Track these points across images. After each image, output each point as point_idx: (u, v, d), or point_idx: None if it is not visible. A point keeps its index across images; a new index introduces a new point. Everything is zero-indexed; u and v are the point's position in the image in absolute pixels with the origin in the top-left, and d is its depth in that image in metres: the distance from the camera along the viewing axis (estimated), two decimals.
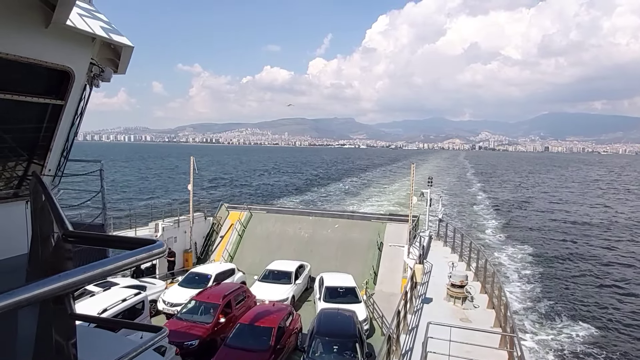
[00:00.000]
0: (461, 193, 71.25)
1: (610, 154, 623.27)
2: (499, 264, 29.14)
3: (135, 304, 13.78)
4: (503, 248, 34.12)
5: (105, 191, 6.70)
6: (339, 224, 24.99)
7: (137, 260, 1.57)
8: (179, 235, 23.23)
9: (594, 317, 21.41)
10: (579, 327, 20.12)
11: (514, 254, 32.29)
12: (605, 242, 37.77)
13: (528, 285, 25.62)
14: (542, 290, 24.66)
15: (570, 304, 22.96)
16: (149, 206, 34.58)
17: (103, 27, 5.09)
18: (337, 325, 13.08)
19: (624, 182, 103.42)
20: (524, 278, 26.86)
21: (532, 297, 23.57)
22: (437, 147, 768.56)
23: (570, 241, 37.81)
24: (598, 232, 42.13)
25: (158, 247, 1.65)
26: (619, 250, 35.29)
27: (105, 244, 2.17)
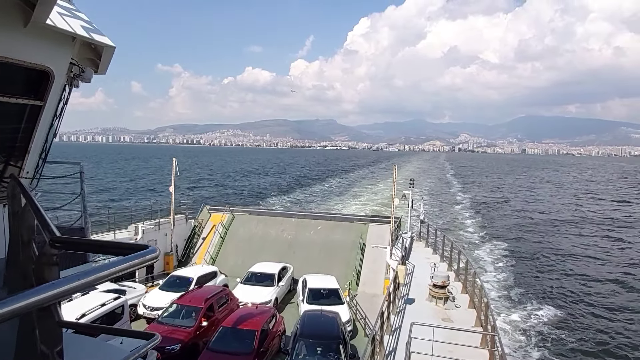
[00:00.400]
0: (442, 193, 72.38)
1: (584, 156, 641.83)
2: (478, 257, 31.06)
3: (115, 308, 13.50)
4: (481, 243, 36.08)
5: (85, 194, 6.55)
6: (321, 226, 25.00)
7: (130, 267, 1.54)
8: (159, 238, 22.86)
9: (560, 300, 23.59)
10: (546, 309, 22.18)
11: (491, 249, 34.20)
12: (573, 236, 40.81)
13: (502, 274, 27.72)
14: (515, 279, 26.70)
15: (539, 290, 25.01)
16: (128, 208, 33.89)
17: (84, 26, 4.98)
18: (320, 326, 13.08)
19: (594, 183, 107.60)
20: (499, 269, 28.96)
21: (506, 286, 25.59)
22: (418, 148, 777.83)
23: (542, 236, 40.61)
24: (567, 228, 45.07)
25: (151, 253, 1.62)
26: (585, 243, 38.31)
27: (96, 249, 2.09)
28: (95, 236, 18.59)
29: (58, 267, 1.87)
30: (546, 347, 17.81)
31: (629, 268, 30.26)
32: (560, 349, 17.78)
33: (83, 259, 5.78)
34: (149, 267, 21.52)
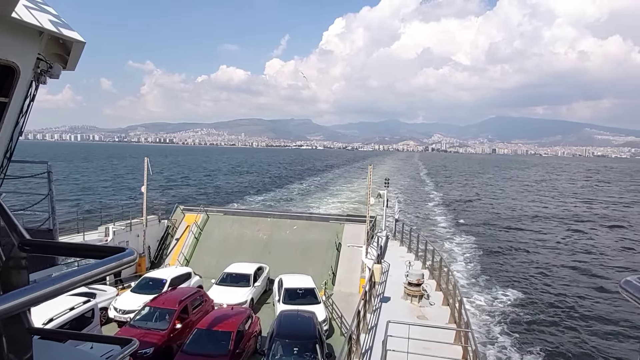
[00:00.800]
0: (416, 192, 73.75)
1: (551, 155, 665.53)
2: (449, 249, 33.09)
3: (85, 312, 13.09)
4: (453, 237, 38.42)
5: (54, 194, 6.31)
6: (297, 225, 24.95)
7: (107, 270, 1.48)
8: (131, 239, 22.29)
9: (521, 285, 25.97)
10: (509, 292, 24.73)
11: (461, 241, 36.64)
12: (535, 229, 44.25)
13: (470, 264, 30.07)
14: (482, 267, 28.99)
15: (506, 279, 27.18)
16: (98, 209, 32.85)
17: (52, 20, 4.79)
18: (297, 326, 13.05)
19: (557, 181, 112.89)
20: (467, 259, 31.35)
21: (474, 274, 27.72)
22: (392, 148, 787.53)
23: (507, 229, 43.84)
24: (530, 222, 48.84)
25: (129, 255, 1.57)
26: (546, 235, 41.69)
27: (70, 252, 1.98)
28: (63, 238, 17.96)
29: (28, 271, 1.78)
30: (515, 337, 18.37)
31: (584, 256, 33.49)
32: (528, 338, 18.46)
33: (51, 262, 5.56)
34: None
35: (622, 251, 35.28)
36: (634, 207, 61.89)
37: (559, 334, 19.35)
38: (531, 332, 19.25)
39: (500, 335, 18.76)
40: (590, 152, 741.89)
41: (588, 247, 36.60)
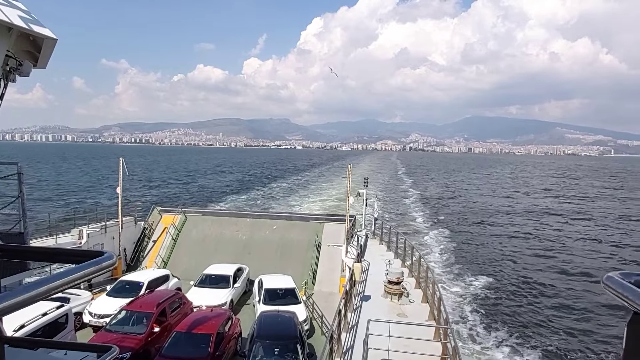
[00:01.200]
0: (395, 190, 74.69)
1: (524, 154, 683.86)
2: (427, 244, 34.75)
3: (58, 317, 12.67)
4: (430, 233, 40.19)
5: (24, 196, 6.09)
6: (277, 225, 24.82)
7: (85, 275, 1.42)
8: (106, 242, 21.75)
9: (499, 279, 27.15)
10: (481, 278, 26.71)
11: (439, 237, 38.39)
12: (507, 222, 47.30)
13: (445, 254, 32.12)
14: (459, 262, 30.30)
15: (480, 271, 28.50)
16: (71, 211, 31.98)
17: (22, 16, 4.62)
18: (277, 327, 12.98)
19: (530, 178, 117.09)
20: (443, 249, 33.39)
21: (448, 263, 29.64)
22: (371, 148, 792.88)
23: (482, 223, 46.06)
24: (501, 215, 52.00)
25: (108, 259, 1.51)
26: (516, 227, 44.63)
27: (46, 257, 1.87)
28: (35, 242, 17.37)
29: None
30: (494, 332, 18.76)
31: (551, 244, 35.87)
32: (506, 332, 18.89)
33: (22, 267, 5.37)
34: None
35: (591, 242, 36.94)
36: (597, 202, 64.46)
37: (536, 327, 19.88)
38: (510, 326, 19.71)
39: (478, 330, 19.13)
40: (561, 150, 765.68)
41: (560, 239, 38.45)
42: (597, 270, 28.30)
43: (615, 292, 1.26)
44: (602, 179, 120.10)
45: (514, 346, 17.70)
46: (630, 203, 63.75)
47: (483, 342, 17.99)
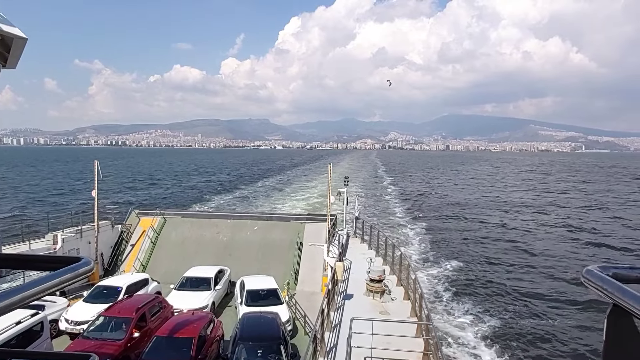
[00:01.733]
0: (375, 188, 75.39)
1: (500, 151, 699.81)
2: (406, 238, 35.79)
3: (33, 326, 12.29)
4: (408, 225, 42.02)
5: None
6: (258, 226, 24.67)
7: (61, 282, 1.37)
8: (82, 247, 21.20)
9: (464, 257, 29.31)
10: (454, 263, 28.66)
11: (417, 229, 40.10)
12: (483, 215, 49.37)
13: (423, 245, 33.99)
14: (435, 252, 31.85)
15: (456, 259, 29.96)
16: (45, 216, 30.97)
17: None
18: (260, 328, 12.91)
19: (506, 175, 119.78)
20: (421, 242, 34.89)
21: (427, 257, 30.63)
22: (350, 147, 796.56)
23: (460, 218, 47.56)
24: (478, 210, 53.89)
25: (85, 265, 1.45)
26: (491, 219, 47.13)
27: (18, 264, 1.78)
28: (6, 248, 16.81)
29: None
30: (475, 326, 19.09)
31: (532, 240, 36.70)
32: (488, 326, 19.20)
33: None
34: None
35: (570, 236, 37.77)
36: (571, 196, 66.46)
37: (516, 320, 20.27)
38: (490, 320, 20.05)
39: (459, 325, 19.43)
40: (535, 147, 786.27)
41: (541, 234, 39.34)
42: (577, 263, 29.14)
43: (595, 285, 1.30)
44: (573, 174, 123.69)
45: (494, 339, 18.04)
46: (604, 198, 65.70)
47: (464, 337, 18.28)
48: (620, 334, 1.24)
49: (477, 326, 19.27)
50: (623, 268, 1.38)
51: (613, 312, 1.25)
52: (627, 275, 1.36)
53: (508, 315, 20.74)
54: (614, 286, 1.24)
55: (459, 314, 20.48)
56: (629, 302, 1.17)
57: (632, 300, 1.16)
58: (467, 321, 19.73)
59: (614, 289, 1.23)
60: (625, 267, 1.39)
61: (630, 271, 1.37)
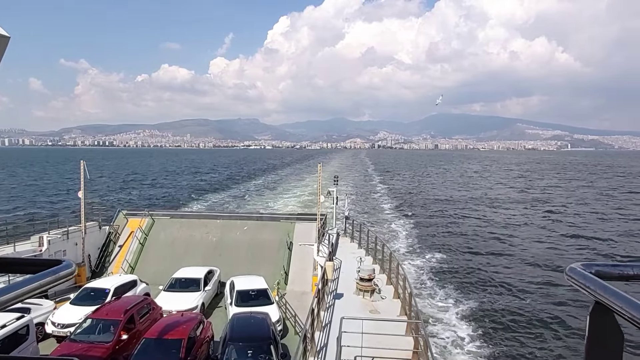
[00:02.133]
0: (365, 187, 75.69)
1: (487, 150, 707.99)
2: (396, 235, 36.32)
3: (18, 329, 12.10)
4: (396, 220, 43.27)
5: None
6: (247, 226, 24.57)
7: (41, 286, 1.33)
8: (68, 248, 20.91)
9: (466, 271, 27.89)
10: (439, 255, 29.76)
11: (404, 223, 41.48)
12: (468, 210, 51.47)
13: (410, 239, 35.20)
14: (419, 241, 33.60)
15: (434, 245, 32.18)
16: (30, 217, 30.51)
17: None
18: (250, 329, 12.87)
19: (493, 172, 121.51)
20: (408, 237, 35.96)
21: (414, 246, 32.17)
22: (340, 146, 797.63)
23: (448, 214, 48.62)
24: (464, 205, 55.59)
25: (66, 268, 1.42)
26: (475, 213, 49.18)
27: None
28: None
29: None
30: (462, 323, 19.25)
31: (519, 238, 36.97)
32: (474, 323, 19.36)
33: None
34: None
35: (554, 233, 38.14)
36: (556, 194, 67.36)
37: (502, 317, 20.48)
38: (476, 318, 20.22)
39: (448, 323, 19.58)
40: (522, 145, 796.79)
41: (527, 231, 39.69)
42: (560, 260, 29.51)
43: (578, 283, 1.31)
44: (558, 171, 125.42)
45: (480, 335, 18.21)
46: (589, 195, 66.69)
47: (453, 335, 18.42)
48: (602, 331, 1.25)
49: (463, 320, 19.46)
50: (606, 265, 1.38)
51: (595, 309, 1.25)
52: (610, 273, 1.36)
53: (491, 310, 21.02)
54: (596, 284, 1.25)
55: (443, 302, 21.17)
56: (611, 300, 1.17)
57: (614, 298, 1.17)
58: (454, 317, 19.98)
59: (596, 286, 1.24)
60: (608, 265, 1.39)
61: (612, 268, 1.38)
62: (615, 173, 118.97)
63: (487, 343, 17.63)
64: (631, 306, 1.11)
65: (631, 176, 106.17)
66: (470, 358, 16.35)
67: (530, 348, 17.52)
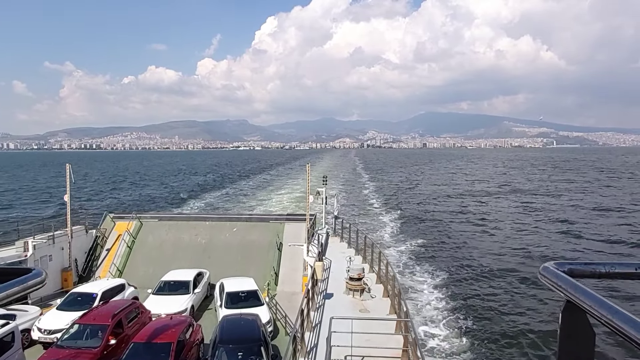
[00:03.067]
0: (354, 186, 75.82)
1: (475, 148, 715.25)
2: (384, 234, 36.41)
3: (3, 336, 11.87)
4: (388, 220, 42.94)
5: None
6: (237, 227, 24.44)
7: (8, 296, 1.30)
8: (54, 253, 20.61)
9: (450, 269, 27.84)
10: (439, 279, 26.30)
11: (392, 220, 42.25)
12: (458, 209, 51.69)
13: (400, 233, 35.98)
14: (409, 236, 33.92)
15: (433, 262, 29.56)
16: (14, 222, 29.94)
17: None
18: (240, 330, 12.81)
19: (478, 169, 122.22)
20: (399, 234, 36.29)
21: (410, 262, 30.08)
22: (329, 146, 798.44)
23: (434, 210, 49.97)
24: (453, 203, 56.17)
25: (35, 277, 1.37)
26: (467, 213, 48.83)
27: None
28: None
29: None
30: (449, 323, 19.40)
31: (502, 235, 37.37)
32: (461, 322, 19.51)
33: None
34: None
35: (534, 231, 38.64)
36: (537, 192, 68.25)
37: (480, 314, 20.63)
38: (463, 315, 20.36)
39: (437, 321, 19.71)
40: (509, 143, 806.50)
41: (510, 229, 40.03)
42: (540, 255, 29.96)
43: (551, 282, 1.33)
44: (542, 168, 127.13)
45: (466, 334, 18.39)
46: (567, 193, 67.62)
47: (441, 333, 18.55)
48: (574, 329, 1.27)
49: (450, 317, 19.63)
50: (579, 264, 1.40)
51: (567, 307, 1.27)
52: (582, 271, 1.39)
53: (474, 308, 21.18)
54: (567, 283, 1.27)
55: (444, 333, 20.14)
56: (581, 299, 1.20)
57: (584, 297, 1.19)
58: (441, 315, 20.12)
59: (567, 285, 1.26)
60: (581, 263, 1.41)
61: (585, 267, 1.40)
62: (597, 169, 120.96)
63: (471, 341, 17.80)
64: (600, 305, 1.12)
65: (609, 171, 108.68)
66: (457, 356, 16.48)
67: (506, 346, 17.70)
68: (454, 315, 20.30)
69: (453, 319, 19.87)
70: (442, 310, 20.90)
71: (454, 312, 20.62)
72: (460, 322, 19.51)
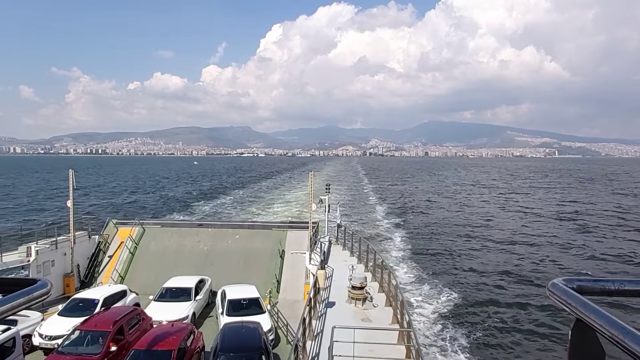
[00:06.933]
0: (357, 195, 75.66)
1: (477, 157, 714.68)
2: (387, 244, 36.56)
3: (4, 342, 11.85)
4: (393, 235, 41.76)
5: None
6: (239, 235, 24.41)
7: (12, 308, 1.30)
8: (57, 258, 20.62)
9: (457, 281, 27.71)
10: (444, 291, 25.87)
11: (398, 234, 41.12)
12: (458, 216, 52.93)
13: (402, 242, 36.56)
14: (421, 266, 31.27)
15: (439, 275, 29.13)
16: (17, 227, 29.97)
17: None
18: (241, 339, 12.75)
19: (474, 179, 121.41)
20: (402, 242, 36.97)
21: (414, 273, 29.69)
22: (332, 154, 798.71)
23: (436, 223, 49.16)
24: (454, 211, 57.18)
25: (41, 288, 1.35)
26: (468, 220, 50.32)
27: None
28: None
29: None
30: (453, 335, 19.23)
31: (509, 248, 36.25)
32: (465, 333, 19.35)
33: None
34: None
35: (541, 244, 38.30)
36: (540, 203, 67.89)
37: (487, 329, 20.37)
38: (467, 328, 20.20)
39: (440, 332, 19.55)
40: (511, 152, 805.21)
41: (519, 242, 39.41)
42: (545, 274, 29.29)
43: (560, 299, 1.29)
44: (544, 179, 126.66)
45: (468, 347, 18.18)
46: (577, 205, 67.32)
47: (444, 344, 18.38)
48: (584, 348, 1.24)
49: (454, 331, 19.46)
50: (588, 280, 1.36)
51: (577, 326, 1.23)
52: (592, 288, 1.35)
53: (480, 321, 20.98)
54: (577, 300, 1.23)
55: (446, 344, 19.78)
56: (591, 317, 1.16)
57: (594, 315, 1.15)
58: (444, 328, 19.92)
59: (577, 303, 1.23)
60: (590, 280, 1.37)
61: (594, 284, 1.36)
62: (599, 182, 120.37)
63: (474, 355, 17.60)
64: (611, 324, 1.09)
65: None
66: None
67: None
68: (457, 327, 20.13)
69: (457, 331, 19.70)
70: (445, 321, 20.73)
71: (457, 324, 20.44)
72: (464, 335, 19.32)
